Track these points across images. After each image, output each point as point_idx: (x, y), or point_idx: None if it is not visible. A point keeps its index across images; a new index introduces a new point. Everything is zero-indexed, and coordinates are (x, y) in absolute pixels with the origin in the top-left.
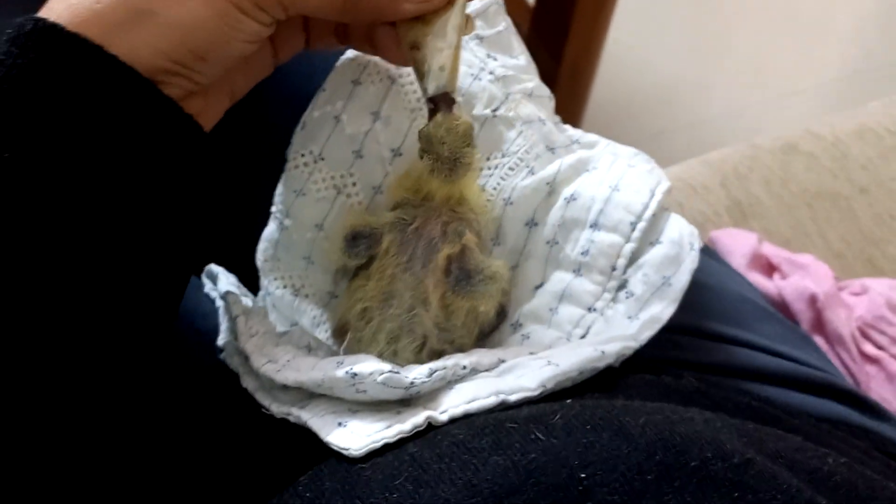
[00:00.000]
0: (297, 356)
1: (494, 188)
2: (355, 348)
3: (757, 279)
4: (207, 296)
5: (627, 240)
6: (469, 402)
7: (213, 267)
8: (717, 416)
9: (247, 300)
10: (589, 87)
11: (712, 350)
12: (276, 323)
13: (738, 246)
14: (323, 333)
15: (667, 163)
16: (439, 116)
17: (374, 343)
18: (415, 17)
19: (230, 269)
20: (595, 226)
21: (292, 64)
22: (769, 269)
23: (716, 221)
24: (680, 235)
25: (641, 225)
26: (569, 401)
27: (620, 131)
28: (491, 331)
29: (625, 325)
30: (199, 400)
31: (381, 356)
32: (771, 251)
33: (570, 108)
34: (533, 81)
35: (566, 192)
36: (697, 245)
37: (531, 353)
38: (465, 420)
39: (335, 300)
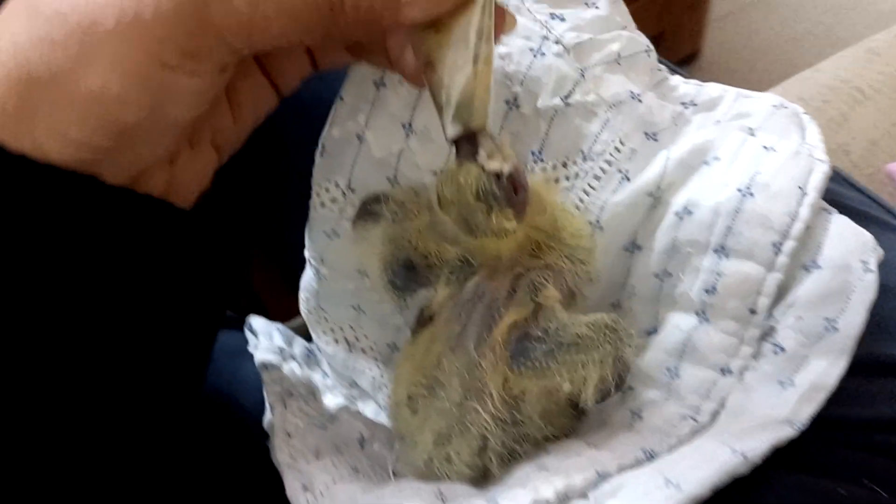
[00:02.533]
0: (336, 477)
1: (577, 207)
2: (406, 451)
3: None
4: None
5: (770, 268)
6: None
7: (254, 321)
8: None
9: (291, 367)
10: None
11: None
12: (332, 384)
13: None
14: (385, 399)
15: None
16: (452, 165)
17: (421, 445)
18: (427, 25)
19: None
20: (722, 251)
21: None
22: None
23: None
24: (846, 252)
25: (789, 245)
26: None
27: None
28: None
29: (774, 396)
30: (247, 493)
31: (430, 463)
32: None
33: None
34: (619, 39)
35: (677, 202)
36: (874, 262)
37: (643, 453)
38: None
39: (398, 353)
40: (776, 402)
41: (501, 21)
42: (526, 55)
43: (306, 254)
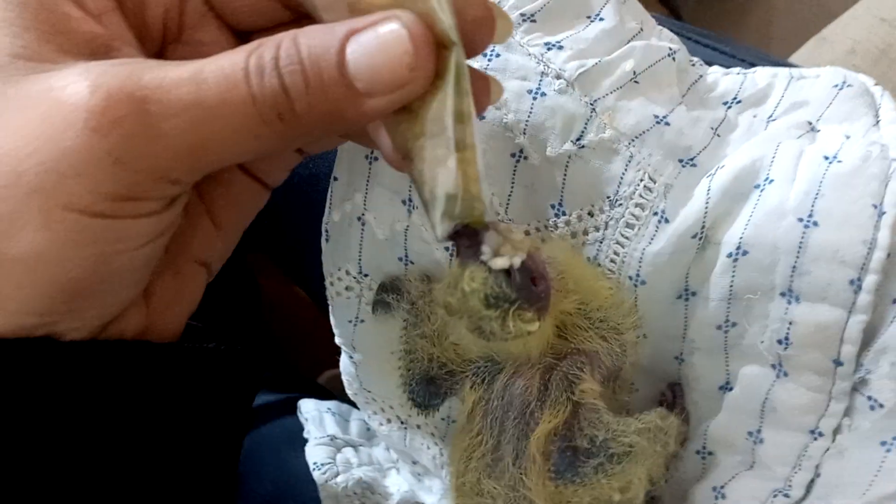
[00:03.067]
0: None
1: (612, 262)
2: None
3: None
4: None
5: (851, 310)
6: None
7: (304, 405)
8: None
9: (346, 456)
10: None
11: None
12: (397, 458)
13: None
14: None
15: None
16: (454, 269)
17: None
18: (397, 111)
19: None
20: (790, 294)
21: None
22: None
23: None
24: None
25: (870, 280)
26: None
27: None
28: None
29: (878, 461)
30: None
31: None
32: None
33: None
34: (633, 54)
35: (728, 241)
36: None
37: None
38: None
39: (455, 424)
40: (881, 468)
41: (486, 91)
42: (524, 99)
43: (336, 340)
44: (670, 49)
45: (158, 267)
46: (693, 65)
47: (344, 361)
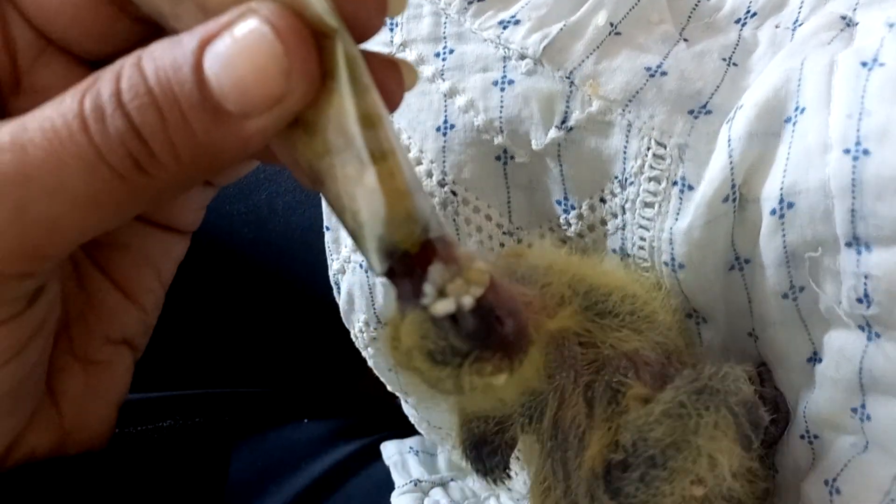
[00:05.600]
0: None
1: (641, 248)
2: None
3: None
4: None
5: None
6: None
7: (386, 449)
8: None
9: (435, 499)
10: None
11: None
12: (494, 493)
13: None
14: None
15: None
16: (394, 316)
17: None
18: (290, 126)
19: None
20: (856, 243)
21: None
22: None
23: None
24: None
25: None
26: None
27: None
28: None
29: None
30: None
31: None
32: None
33: None
34: (603, 4)
35: (767, 194)
36: None
37: None
38: None
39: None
40: None
41: (397, 80)
42: (491, 93)
43: (388, 387)
44: None
45: (57, 365)
46: None
47: (404, 405)
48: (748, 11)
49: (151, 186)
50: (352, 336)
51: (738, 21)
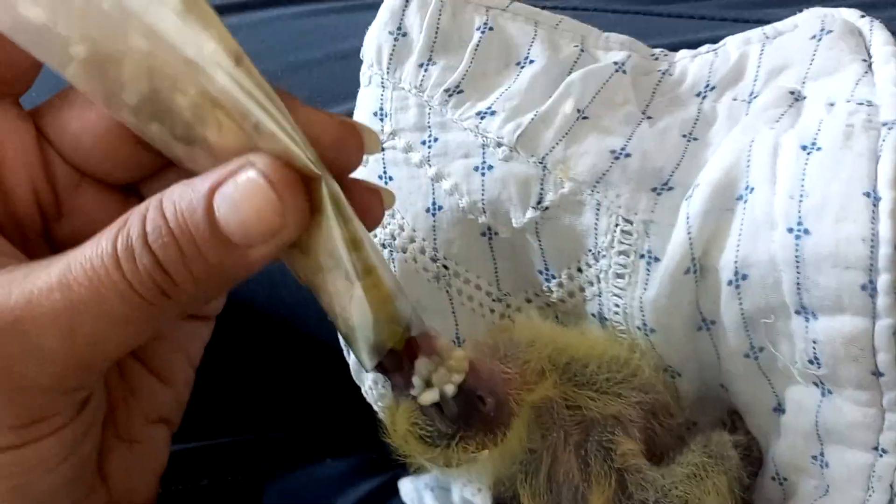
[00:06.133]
0: None
1: (616, 314)
2: None
3: None
4: None
5: (873, 315)
6: None
7: (403, 487)
8: None
9: None
10: None
11: None
12: None
13: None
14: None
15: None
16: (389, 406)
17: None
18: (290, 247)
19: None
20: (804, 311)
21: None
22: None
23: None
24: None
25: (884, 281)
26: None
27: None
28: None
29: None
30: None
31: None
32: None
33: None
34: (571, 90)
35: (724, 265)
36: None
37: None
38: None
39: None
40: None
41: (377, 203)
42: (473, 177)
43: None
44: (615, 63)
45: (105, 447)
46: (655, 58)
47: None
48: (707, 85)
49: (176, 306)
50: (363, 392)
51: (698, 94)
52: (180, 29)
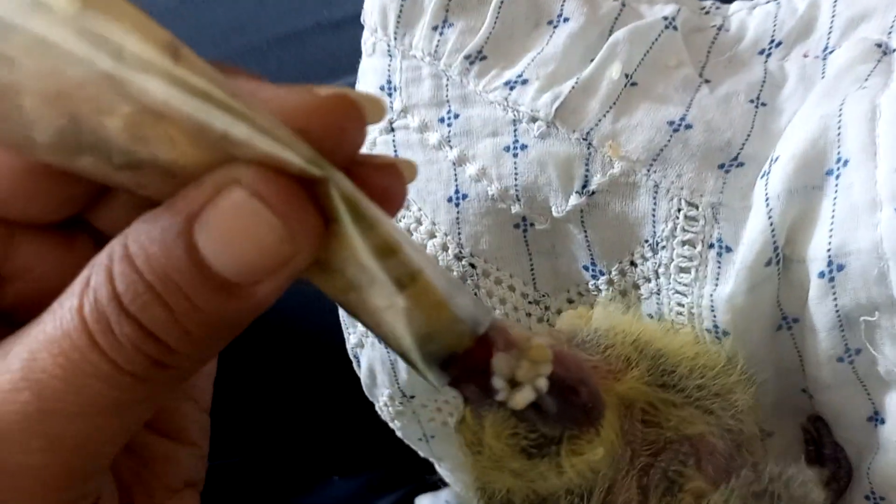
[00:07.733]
0: None
1: (679, 314)
2: None
3: None
4: None
5: None
6: None
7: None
8: None
9: None
10: None
11: None
12: None
13: None
14: None
15: None
16: (467, 420)
17: None
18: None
19: None
20: None
21: None
22: None
23: None
24: None
25: None
26: None
27: None
28: None
29: None
30: None
31: None
32: None
33: None
34: (615, 52)
35: (814, 255)
36: None
37: None
38: None
39: None
40: None
41: (398, 181)
42: (504, 159)
43: (420, 453)
44: (665, 18)
45: None
46: (706, 12)
47: (438, 467)
48: (772, 40)
49: (177, 373)
50: (377, 408)
51: (761, 52)
52: (82, 31)
